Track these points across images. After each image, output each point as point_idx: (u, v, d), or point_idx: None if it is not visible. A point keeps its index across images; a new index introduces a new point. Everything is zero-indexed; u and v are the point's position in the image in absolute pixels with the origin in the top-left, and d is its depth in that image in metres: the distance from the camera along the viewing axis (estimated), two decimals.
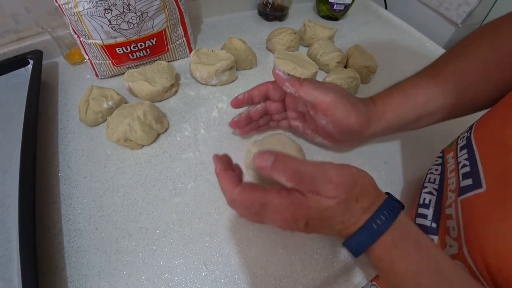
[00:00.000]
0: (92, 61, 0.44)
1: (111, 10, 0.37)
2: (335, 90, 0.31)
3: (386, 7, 0.80)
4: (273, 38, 0.54)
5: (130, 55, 0.44)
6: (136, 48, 0.44)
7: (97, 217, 0.32)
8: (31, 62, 0.43)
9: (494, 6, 0.73)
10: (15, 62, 0.43)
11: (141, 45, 0.44)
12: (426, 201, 0.34)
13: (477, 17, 0.73)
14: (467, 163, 0.28)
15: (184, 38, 0.49)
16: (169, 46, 0.48)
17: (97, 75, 0.46)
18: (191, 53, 0.47)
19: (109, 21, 0.38)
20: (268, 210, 0.24)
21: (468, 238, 0.25)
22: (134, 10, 0.39)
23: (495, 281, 0.22)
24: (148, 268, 0.29)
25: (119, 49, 0.43)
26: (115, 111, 0.38)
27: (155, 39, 0.45)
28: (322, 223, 0.24)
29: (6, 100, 0.40)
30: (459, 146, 0.31)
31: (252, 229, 0.33)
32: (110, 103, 0.39)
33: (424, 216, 0.33)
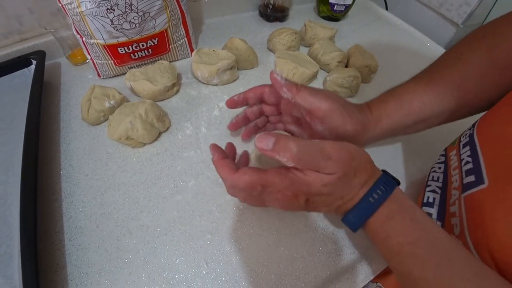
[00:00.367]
0: (94, 61, 0.44)
1: (114, 10, 0.38)
2: (332, 98, 0.31)
3: (387, 8, 0.81)
4: (274, 38, 0.55)
5: (132, 55, 0.45)
6: (138, 48, 0.44)
7: (98, 215, 0.32)
8: (34, 63, 0.43)
9: (495, 7, 0.73)
10: (18, 63, 0.43)
11: (143, 45, 0.44)
12: (430, 200, 0.33)
13: (478, 18, 0.73)
14: (470, 160, 0.28)
15: (186, 38, 0.50)
16: (171, 46, 0.48)
17: (99, 75, 0.46)
18: (193, 53, 0.47)
19: (112, 21, 0.39)
20: (270, 191, 0.24)
21: (473, 235, 0.25)
22: (136, 10, 0.39)
23: (504, 276, 0.22)
24: (149, 266, 0.29)
25: (121, 49, 0.43)
26: (117, 110, 0.38)
27: (157, 39, 0.45)
28: (322, 199, 0.25)
29: (9, 100, 0.40)
30: (462, 144, 0.31)
31: (254, 227, 0.33)
32: (112, 102, 0.39)
33: (429, 215, 0.32)
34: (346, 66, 0.54)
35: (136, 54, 0.45)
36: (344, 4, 0.66)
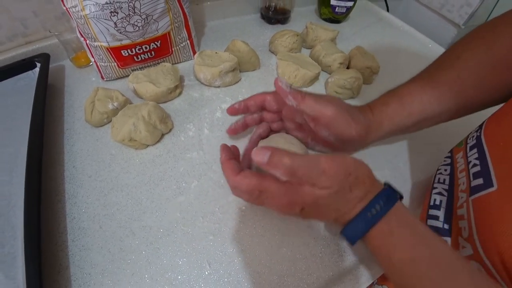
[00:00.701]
0: (98, 64, 0.44)
1: (117, 13, 0.38)
2: (336, 104, 0.31)
3: (388, 10, 0.81)
4: (276, 40, 0.55)
5: (135, 57, 0.45)
6: (141, 51, 0.45)
7: (101, 216, 0.32)
8: (38, 65, 0.44)
9: (496, 7, 0.73)
10: (23, 65, 0.43)
11: (146, 48, 0.45)
12: (437, 202, 0.33)
13: (479, 19, 0.73)
14: (478, 162, 0.28)
15: (188, 41, 0.50)
16: (173, 49, 0.48)
17: (103, 78, 0.47)
18: (195, 55, 0.47)
19: (115, 24, 0.39)
20: (266, 196, 0.25)
21: (482, 238, 0.25)
22: (139, 13, 0.40)
23: None
24: (152, 267, 0.29)
25: (125, 52, 0.43)
26: (120, 112, 0.38)
27: (160, 42, 0.45)
28: (317, 210, 0.25)
29: (14, 102, 0.40)
30: (469, 146, 0.31)
31: (256, 228, 0.33)
32: (115, 104, 0.40)
33: (436, 218, 0.32)
34: (348, 68, 0.54)
35: (139, 57, 0.45)
36: (345, 6, 0.67)
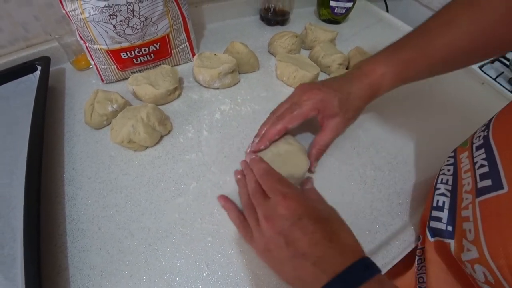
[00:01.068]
0: (98, 66, 0.45)
1: (116, 16, 0.38)
2: (332, 124, 0.36)
3: (387, 10, 0.81)
4: (275, 42, 0.55)
5: (135, 60, 0.45)
6: (140, 53, 0.45)
7: (100, 218, 0.32)
8: (39, 68, 0.44)
9: None
10: (24, 68, 0.44)
11: (145, 50, 0.45)
12: (440, 203, 0.32)
13: None
14: (485, 163, 0.27)
15: (187, 43, 0.50)
16: (173, 51, 0.49)
17: (103, 80, 0.47)
18: (194, 57, 0.47)
19: (114, 27, 0.39)
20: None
21: (490, 241, 0.24)
22: (138, 16, 0.40)
23: None
24: (150, 268, 0.29)
25: (124, 54, 0.44)
26: (119, 114, 0.38)
27: (159, 44, 0.46)
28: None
29: (15, 105, 0.41)
30: (475, 146, 0.30)
31: None
32: (115, 106, 0.40)
33: (439, 219, 0.31)
34: (347, 69, 0.54)
35: (139, 59, 0.46)
36: (345, 7, 0.67)
